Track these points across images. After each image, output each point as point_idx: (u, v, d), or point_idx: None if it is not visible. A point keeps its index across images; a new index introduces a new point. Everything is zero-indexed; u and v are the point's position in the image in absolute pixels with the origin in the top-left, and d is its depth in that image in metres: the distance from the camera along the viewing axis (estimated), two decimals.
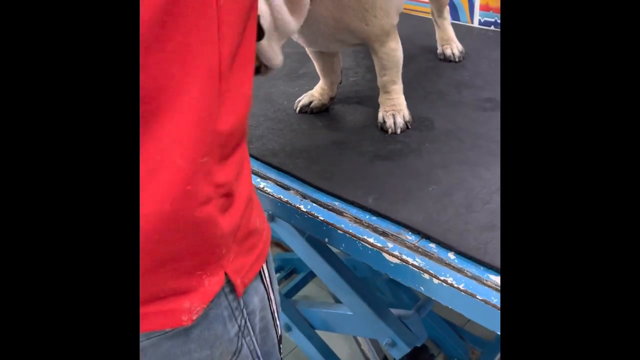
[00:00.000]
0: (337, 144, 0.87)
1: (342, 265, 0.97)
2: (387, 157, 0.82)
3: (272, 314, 0.59)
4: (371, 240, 0.69)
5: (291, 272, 1.68)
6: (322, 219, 0.74)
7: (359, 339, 1.42)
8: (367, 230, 0.71)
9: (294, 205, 0.77)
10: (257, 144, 0.89)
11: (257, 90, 1.05)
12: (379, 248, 0.68)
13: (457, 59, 1.09)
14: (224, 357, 0.52)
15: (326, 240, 0.74)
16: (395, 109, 0.88)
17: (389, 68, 0.86)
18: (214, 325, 0.50)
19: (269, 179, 0.82)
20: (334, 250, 0.99)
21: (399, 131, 0.88)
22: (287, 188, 0.80)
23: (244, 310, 0.53)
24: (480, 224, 0.68)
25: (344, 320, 1.08)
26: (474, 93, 0.97)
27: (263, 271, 0.57)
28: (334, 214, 0.74)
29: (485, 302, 0.60)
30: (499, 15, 1.21)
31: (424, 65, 1.09)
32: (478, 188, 0.74)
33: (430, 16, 1.31)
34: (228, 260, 0.49)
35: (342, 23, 0.79)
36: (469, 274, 0.63)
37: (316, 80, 1.00)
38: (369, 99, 0.99)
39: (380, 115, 0.89)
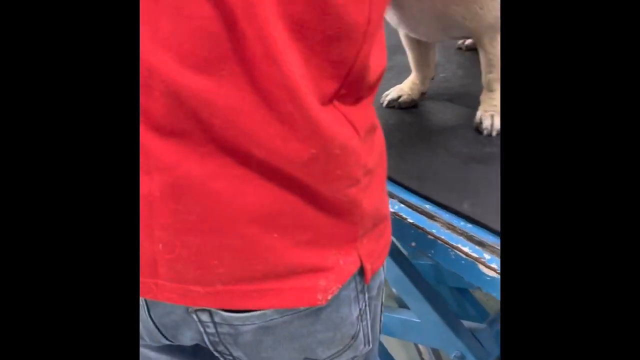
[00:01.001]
0: (427, 142, 0.82)
1: (412, 269, 0.92)
2: (483, 160, 0.77)
3: (382, 304, 0.57)
4: (466, 249, 0.64)
5: None
6: (410, 221, 0.69)
7: (421, 347, 1.36)
8: (461, 238, 0.65)
9: None
10: None
11: None
12: (475, 258, 0.63)
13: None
14: (344, 340, 0.51)
15: (413, 244, 0.70)
16: (495, 110, 0.82)
17: (495, 65, 0.79)
18: (342, 307, 0.49)
19: None
20: (403, 251, 0.94)
21: (494, 133, 0.81)
22: None
23: (366, 294, 0.51)
24: None
25: (411, 327, 1.03)
26: None
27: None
28: (425, 217, 0.69)
29: None
30: None
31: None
32: None
33: None
34: (362, 243, 0.48)
35: (446, 12, 0.74)
36: None
37: (404, 74, 0.95)
38: (461, 96, 0.94)
39: (478, 114, 0.83)
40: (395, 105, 0.91)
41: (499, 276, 0.61)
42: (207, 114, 0.38)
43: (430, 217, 0.69)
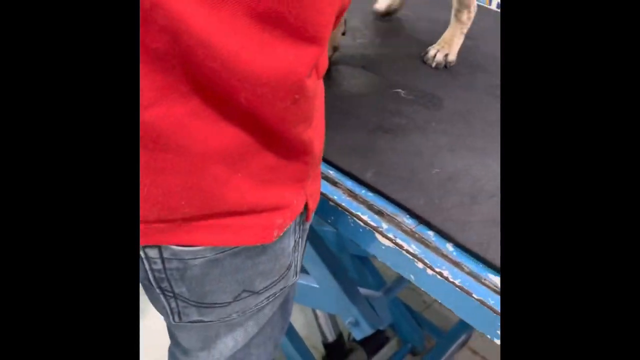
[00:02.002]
0: (337, 109, 0.80)
1: (314, 235, 0.91)
2: (391, 130, 0.76)
3: (305, 241, 0.59)
4: (365, 217, 0.63)
5: None
6: None
7: (318, 312, 1.38)
8: (362, 206, 0.65)
9: None
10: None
11: None
12: (373, 227, 0.62)
13: (433, 64, 0.93)
14: (280, 271, 0.53)
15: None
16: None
17: None
18: (284, 239, 0.51)
19: None
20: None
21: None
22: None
23: (302, 225, 0.54)
24: (484, 217, 0.63)
25: (309, 292, 1.03)
26: (487, 78, 0.91)
27: None
28: (328, 183, 0.68)
29: (482, 302, 0.55)
30: None
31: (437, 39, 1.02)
32: (485, 179, 0.69)
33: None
34: (308, 183, 0.50)
35: None
36: (466, 269, 0.58)
37: None
38: (375, 64, 0.92)
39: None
40: None
41: (394, 246, 0.61)
42: (202, 54, 0.38)
43: (334, 183, 0.68)
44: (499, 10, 1.18)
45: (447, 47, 0.94)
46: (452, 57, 0.94)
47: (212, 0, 0.36)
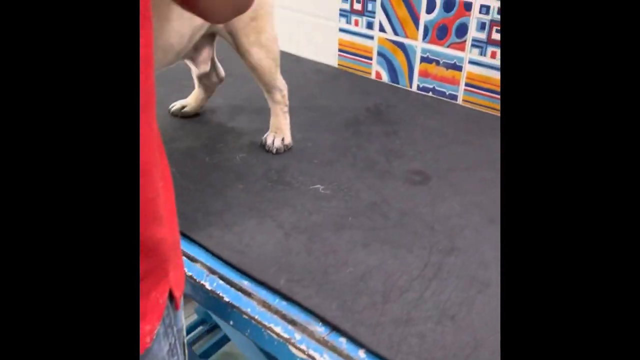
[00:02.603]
0: (255, 210, 0.81)
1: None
2: (307, 229, 0.77)
3: (184, 338, 0.57)
4: (278, 329, 0.63)
5: (214, 327, 1.58)
6: (227, 300, 0.67)
7: None
8: (275, 316, 0.64)
9: (198, 282, 0.70)
10: None
11: (176, 134, 0.98)
12: (286, 339, 0.62)
13: (274, 151, 0.95)
14: None
15: (231, 323, 0.67)
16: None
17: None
18: (155, 344, 0.49)
19: None
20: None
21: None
22: (194, 260, 0.73)
23: (174, 327, 0.52)
24: (395, 316, 0.63)
25: None
26: (404, 163, 0.94)
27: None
28: (242, 294, 0.68)
29: None
30: (437, 82, 1.20)
31: (357, 129, 1.06)
32: (399, 273, 0.69)
33: (369, 75, 1.29)
34: (171, 275, 0.49)
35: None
36: None
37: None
38: (298, 160, 0.95)
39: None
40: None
41: (308, 358, 0.60)
42: None
43: (248, 294, 0.67)
44: (420, 92, 1.24)
45: (280, 131, 0.97)
46: (288, 139, 0.97)
47: None
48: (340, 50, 1.33)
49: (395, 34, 1.22)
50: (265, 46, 0.90)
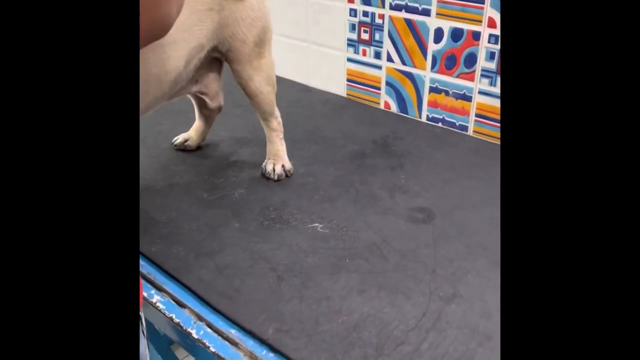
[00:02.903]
0: (249, 252, 0.78)
1: None
2: (302, 273, 0.74)
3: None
4: None
5: None
6: (213, 350, 0.64)
7: None
8: None
9: (185, 330, 0.67)
10: (161, 245, 0.79)
11: (177, 168, 0.97)
12: None
13: (275, 178, 0.95)
14: None
15: None
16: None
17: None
18: None
19: (165, 292, 0.73)
20: None
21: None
22: (182, 305, 0.70)
23: None
24: None
25: None
26: (408, 200, 0.90)
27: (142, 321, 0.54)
28: (228, 344, 0.64)
29: None
30: (447, 112, 1.17)
31: (362, 162, 1.03)
32: (395, 323, 0.65)
33: (378, 106, 1.27)
34: None
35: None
36: None
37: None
38: (298, 197, 0.92)
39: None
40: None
41: None
42: None
43: (235, 344, 0.64)
44: (429, 123, 1.20)
45: (278, 158, 0.97)
46: (288, 165, 0.97)
47: None
48: (348, 80, 1.31)
49: (403, 63, 1.19)
50: (266, 72, 0.89)
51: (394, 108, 1.25)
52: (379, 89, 1.26)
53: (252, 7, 0.83)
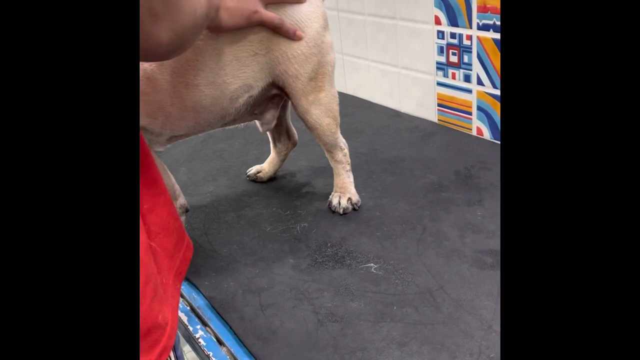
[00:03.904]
0: (295, 291, 0.76)
1: None
2: (343, 318, 0.70)
3: None
4: None
5: None
6: None
7: None
8: None
9: None
10: (215, 278, 0.81)
11: (249, 200, 0.98)
12: None
13: (340, 212, 0.92)
14: None
15: None
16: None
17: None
18: None
19: (209, 327, 0.73)
20: None
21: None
22: (221, 343, 0.70)
23: None
24: None
25: None
26: (478, 241, 0.81)
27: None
28: None
29: None
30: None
31: (437, 196, 0.95)
32: None
33: (469, 132, 1.17)
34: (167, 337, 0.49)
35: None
36: None
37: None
38: (357, 234, 0.88)
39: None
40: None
41: None
42: None
43: None
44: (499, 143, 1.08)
45: (345, 191, 0.95)
46: (355, 197, 0.94)
47: None
48: (439, 105, 1.24)
49: (494, 86, 1.09)
50: (325, 104, 0.87)
51: (486, 134, 1.15)
52: (470, 114, 1.17)
53: (306, 44, 0.82)
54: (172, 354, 0.56)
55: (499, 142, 1.12)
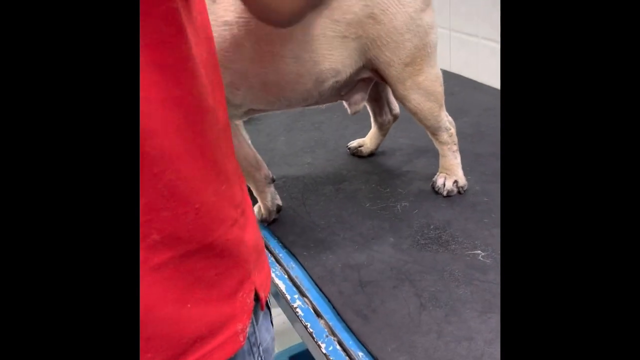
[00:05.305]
0: (396, 270, 0.73)
1: None
2: (447, 304, 0.66)
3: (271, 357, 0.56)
4: None
5: None
6: None
7: None
8: None
9: (316, 341, 0.66)
10: (313, 250, 0.80)
11: (348, 174, 0.96)
12: None
13: (444, 193, 0.88)
14: None
15: None
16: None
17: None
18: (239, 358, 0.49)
19: (306, 297, 0.72)
20: None
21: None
22: (319, 315, 0.69)
23: (260, 347, 0.52)
24: None
25: None
26: None
27: (271, 314, 0.56)
28: None
29: None
30: None
31: None
32: None
33: None
34: (254, 276, 0.50)
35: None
36: None
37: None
38: (459, 220, 0.83)
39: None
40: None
41: None
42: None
43: None
44: None
45: (451, 172, 0.90)
46: (462, 181, 0.90)
47: None
48: None
49: None
50: (424, 89, 0.82)
51: None
52: None
53: (397, 31, 0.76)
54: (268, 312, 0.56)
55: None
